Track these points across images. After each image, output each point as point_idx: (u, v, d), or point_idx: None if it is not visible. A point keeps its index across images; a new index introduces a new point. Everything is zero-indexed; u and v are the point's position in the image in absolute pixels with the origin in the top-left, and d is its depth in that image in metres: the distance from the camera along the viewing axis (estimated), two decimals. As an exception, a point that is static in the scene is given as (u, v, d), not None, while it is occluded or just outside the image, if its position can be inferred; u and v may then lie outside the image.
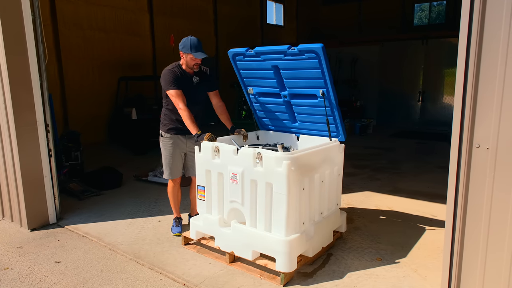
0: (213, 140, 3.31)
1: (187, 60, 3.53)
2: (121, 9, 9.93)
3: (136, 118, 8.01)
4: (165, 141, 3.69)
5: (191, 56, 3.48)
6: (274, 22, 16.34)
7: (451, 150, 2.25)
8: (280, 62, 3.30)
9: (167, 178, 3.77)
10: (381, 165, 6.89)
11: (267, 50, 3.31)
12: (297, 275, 3.05)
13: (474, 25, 2.08)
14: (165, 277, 3.08)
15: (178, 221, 3.91)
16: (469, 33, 2.10)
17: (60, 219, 4.31)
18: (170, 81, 3.46)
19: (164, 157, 3.73)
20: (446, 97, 11.24)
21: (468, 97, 2.14)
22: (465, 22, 2.10)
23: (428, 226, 4.05)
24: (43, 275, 3.14)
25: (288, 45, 3.19)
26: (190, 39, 3.47)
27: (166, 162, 3.71)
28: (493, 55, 2.06)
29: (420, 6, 17.11)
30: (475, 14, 2.07)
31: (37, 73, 3.96)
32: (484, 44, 2.08)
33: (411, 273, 3.09)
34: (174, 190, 3.84)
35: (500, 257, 2.17)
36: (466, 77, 2.14)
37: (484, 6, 2.05)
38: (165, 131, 3.68)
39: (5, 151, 4.09)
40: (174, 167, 3.73)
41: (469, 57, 2.12)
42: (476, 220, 2.22)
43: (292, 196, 2.84)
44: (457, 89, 2.18)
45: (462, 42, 2.13)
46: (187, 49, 3.46)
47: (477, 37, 2.09)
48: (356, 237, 3.78)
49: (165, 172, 3.76)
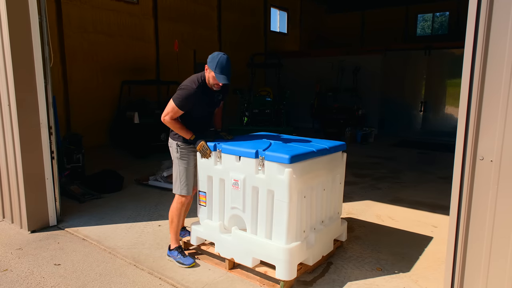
0: (205, 153, 3.18)
1: (208, 77, 3.16)
2: (126, 13, 10.01)
3: (138, 122, 8.02)
4: (183, 152, 3.31)
5: (213, 75, 3.09)
6: (277, 30, 16.43)
7: (455, 162, 2.25)
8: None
9: (184, 193, 3.34)
10: (382, 174, 6.88)
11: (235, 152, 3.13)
12: (297, 283, 3.04)
13: (479, 36, 2.10)
14: (164, 282, 3.07)
15: (182, 251, 3.39)
16: (475, 44, 2.12)
17: (60, 222, 4.30)
18: (182, 99, 3.12)
19: (180, 169, 3.32)
20: (448, 107, 11.26)
21: (473, 110, 2.15)
22: (471, 33, 2.12)
23: (429, 236, 4.04)
24: (42, 277, 3.13)
25: (257, 149, 2.98)
26: (220, 57, 3.07)
27: (184, 175, 3.31)
28: (498, 68, 2.07)
29: (423, 17, 17.24)
30: (481, 25, 2.09)
31: (42, 75, 3.98)
32: (489, 56, 2.09)
33: (412, 284, 3.07)
34: (182, 211, 3.40)
35: (503, 271, 2.16)
36: (470, 91, 2.15)
37: (490, 17, 2.07)
38: (182, 141, 3.31)
39: (8, 152, 4.10)
40: (191, 181, 3.36)
41: (474, 70, 2.13)
42: (478, 233, 2.22)
43: (293, 204, 2.84)
44: (461, 102, 2.19)
45: (468, 53, 2.14)
46: (213, 66, 3.07)
47: (482, 48, 2.10)
48: (356, 246, 3.77)
49: (181, 187, 3.33)
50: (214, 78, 3.11)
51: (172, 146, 3.39)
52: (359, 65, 12.05)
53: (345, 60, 12.37)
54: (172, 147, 3.39)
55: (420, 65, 11.46)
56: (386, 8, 16.86)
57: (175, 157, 3.37)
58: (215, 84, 3.19)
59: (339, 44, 15.73)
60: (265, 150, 2.95)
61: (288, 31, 16.91)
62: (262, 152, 2.93)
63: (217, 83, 3.17)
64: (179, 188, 3.35)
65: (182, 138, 3.32)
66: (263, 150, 2.94)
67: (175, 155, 3.37)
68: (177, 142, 3.34)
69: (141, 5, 10.43)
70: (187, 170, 3.34)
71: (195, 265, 3.31)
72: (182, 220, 3.56)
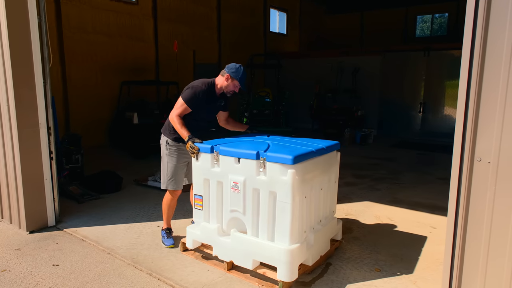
0: (193, 152, 3.26)
1: (229, 84, 3.49)
2: (125, 14, 10.01)
3: (138, 123, 8.03)
4: (172, 149, 3.57)
5: (236, 83, 3.48)
6: (277, 30, 16.45)
7: (453, 163, 2.26)
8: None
9: (171, 188, 3.60)
10: (381, 175, 6.89)
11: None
12: (296, 284, 3.04)
13: (477, 37, 2.10)
14: (163, 283, 3.07)
15: (169, 233, 3.77)
16: (472, 45, 2.12)
17: (59, 222, 4.30)
18: (190, 97, 3.41)
19: (168, 166, 3.58)
20: (447, 108, 11.28)
21: (470, 111, 2.15)
22: (469, 34, 2.12)
23: (428, 237, 4.04)
24: (41, 278, 3.13)
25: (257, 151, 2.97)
26: (243, 69, 3.48)
27: (171, 171, 3.57)
28: (496, 69, 2.08)
29: (422, 18, 17.28)
30: (479, 26, 2.09)
31: (41, 76, 3.98)
32: (487, 56, 2.09)
33: (410, 285, 3.07)
34: (172, 202, 3.71)
35: (501, 272, 2.16)
36: (468, 92, 2.16)
37: (488, 18, 2.07)
38: (172, 139, 3.56)
39: (6, 152, 4.10)
40: (179, 177, 3.61)
41: (471, 71, 2.14)
42: (476, 234, 2.22)
43: (296, 205, 2.83)
44: (459, 103, 2.20)
45: (465, 54, 2.15)
46: (237, 76, 3.45)
47: (480, 49, 2.10)
48: (355, 247, 3.77)
49: (167, 183, 3.59)
50: (236, 86, 3.51)
51: (162, 143, 3.64)
52: (358, 66, 12.07)
53: (344, 61, 12.38)
54: (162, 144, 3.64)
55: (419, 66, 11.47)
56: (386, 10, 16.91)
57: (164, 153, 3.62)
58: (230, 91, 3.55)
59: (338, 45, 15.74)
60: (265, 151, 2.93)
61: (288, 32, 16.93)
62: (263, 153, 2.90)
63: (231, 90, 3.54)
64: (165, 183, 3.62)
65: (172, 136, 3.56)
66: (264, 151, 2.92)
67: (164, 151, 3.62)
68: (167, 139, 3.59)
69: (141, 5, 10.43)
70: (175, 166, 3.59)
71: (174, 246, 3.67)
72: (173, 209, 3.82)
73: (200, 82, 3.51)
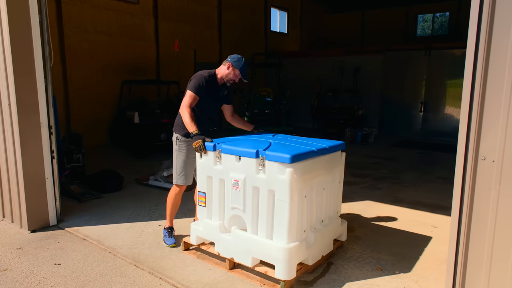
0: (201, 150, 3.25)
1: (230, 72, 3.57)
2: (126, 13, 10.00)
3: (139, 122, 8.02)
4: (181, 145, 3.60)
5: (237, 72, 3.57)
6: (278, 30, 16.43)
7: (457, 162, 2.24)
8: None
9: (180, 183, 3.63)
10: (382, 174, 6.88)
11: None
12: (297, 283, 3.04)
13: (481, 36, 2.09)
14: (164, 282, 3.06)
15: (171, 232, 3.77)
16: (477, 44, 2.11)
17: (60, 221, 4.29)
18: (196, 85, 3.48)
19: (178, 161, 3.62)
20: (448, 108, 11.26)
21: (475, 110, 2.14)
22: (473, 33, 2.11)
23: (429, 237, 4.04)
24: (42, 277, 3.12)
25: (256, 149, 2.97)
26: (244, 60, 3.60)
27: (181, 166, 3.60)
28: (500, 68, 2.06)
29: (423, 17, 17.24)
30: (483, 25, 2.08)
31: (42, 75, 3.97)
32: (492, 55, 2.08)
33: (412, 284, 3.07)
34: (176, 198, 3.72)
35: (505, 272, 2.15)
36: (472, 91, 2.15)
37: (492, 18, 2.06)
38: (182, 135, 3.59)
39: (8, 152, 4.10)
40: (189, 172, 3.64)
41: (476, 70, 2.13)
42: (480, 233, 2.21)
43: (294, 204, 2.83)
44: (463, 102, 2.18)
45: (470, 53, 2.13)
46: (239, 65, 3.55)
47: (484, 48, 2.09)
48: (356, 247, 3.76)
49: (177, 177, 3.63)
50: (237, 75, 3.59)
51: (173, 139, 3.70)
52: (359, 65, 12.05)
53: (345, 60, 12.37)
54: (174, 140, 3.69)
55: (420, 65, 11.45)
56: (386, 9, 16.85)
57: (175, 149, 3.67)
58: (230, 80, 3.62)
59: (339, 44, 15.72)
60: (265, 149, 2.93)
61: (288, 31, 16.91)
62: (262, 152, 2.91)
63: (232, 79, 3.62)
64: (175, 178, 3.66)
65: (182, 131, 3.59)
66: (263, 150, 2.93)
67: (174, 147, 3.67)
68: (177, 136, 3.64)
69: (141, 4, 10.42)
70: (184, 162, 3.62)
71: (175, 246, 3.68)
72: (178, 205, 3.84)
73: (201, 71, 3.61)
